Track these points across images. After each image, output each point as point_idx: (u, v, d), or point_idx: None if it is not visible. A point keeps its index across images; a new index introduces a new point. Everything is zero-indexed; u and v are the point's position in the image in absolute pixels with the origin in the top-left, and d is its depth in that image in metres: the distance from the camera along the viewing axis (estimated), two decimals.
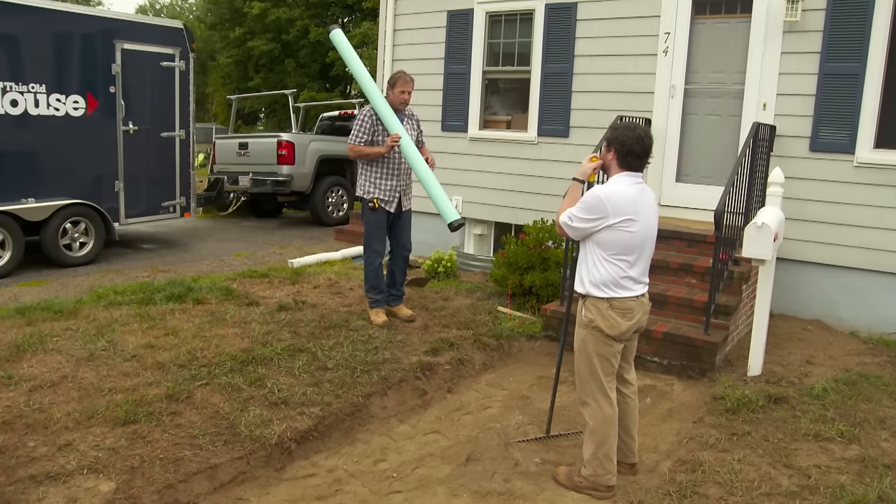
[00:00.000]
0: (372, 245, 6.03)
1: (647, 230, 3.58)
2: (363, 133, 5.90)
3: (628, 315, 3.57)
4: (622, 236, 3.49)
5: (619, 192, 3.51)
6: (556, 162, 8.10)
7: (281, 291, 6.86)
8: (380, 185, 5.94)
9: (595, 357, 3.61)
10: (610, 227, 3.49)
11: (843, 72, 6.39)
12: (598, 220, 3.49)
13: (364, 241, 6.13)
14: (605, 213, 3.47)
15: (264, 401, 4.30)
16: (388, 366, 5.03)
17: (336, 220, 12.22)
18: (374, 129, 5.89)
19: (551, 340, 6.13)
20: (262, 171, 11.62)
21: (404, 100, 5.95)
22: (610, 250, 3.52)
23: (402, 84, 5.90)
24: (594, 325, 3.58)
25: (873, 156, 6.37)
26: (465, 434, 4.44)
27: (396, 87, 5.90)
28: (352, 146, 5.94)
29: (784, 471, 3.75)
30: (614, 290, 3.55)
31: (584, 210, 3.54)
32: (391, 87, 5.94)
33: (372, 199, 5.93)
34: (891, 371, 5.50)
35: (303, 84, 27.19)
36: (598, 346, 3.60)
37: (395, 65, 9.19)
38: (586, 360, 3.65)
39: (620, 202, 3.48)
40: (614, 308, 3.55)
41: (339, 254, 9.05)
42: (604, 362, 3.62)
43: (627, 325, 3.58)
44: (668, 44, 7.19)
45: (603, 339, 3.58)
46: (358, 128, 5.91)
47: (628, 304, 3.57)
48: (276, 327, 5.61)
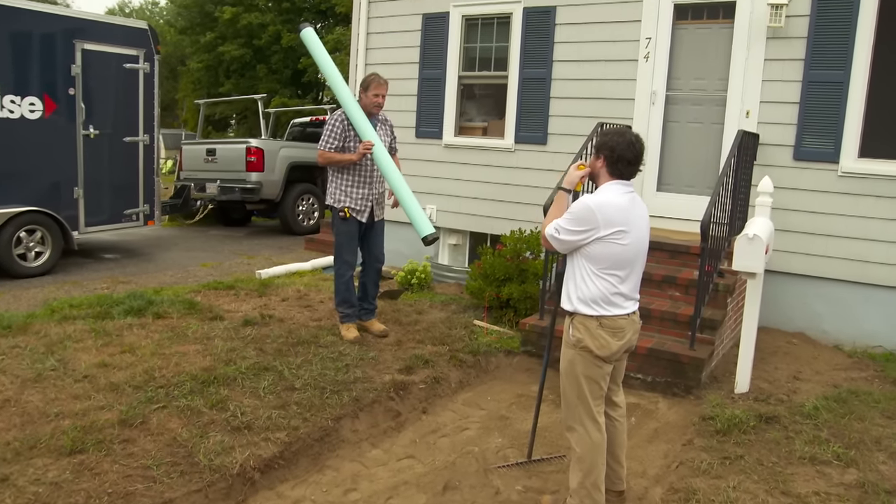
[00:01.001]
0: (343, 256, 5.74)
1: (639, 243, 3.34)
2: (333, 139, 5.59)
3: (619, 334, 3.33)
4: (613, 249, 3.25)
5: (610, 202, 3.26)
6: (533, 170, 7.88)
7: (247, 304, 6.54)
8: (351, 194, 5.64)
9: (583, 379, 3.36)
10: (600, 240, 3.24)
11: (827, 79, 6.25)
12: (588, 232, 3.24)
13: (335, 252, 5.83)
14: (595, 225, 3.23)
15: (226, 425, 3.99)
16: (359, 385, 4.74)
17: (306, 228, 11.89)
18: (346, 135, 5.59)
19: (530, 356, 5.89)
20: (231, 178, 11.26)
21: (378, 103, 5.65)
22: (600, 264, 3.28)
23: (375, 87, 5.60)
24: (582, 346, 3.33)
25: (858, 165, 6.23)
26: (442, 459, 4.17)
27: (370, 91, 5.60)
28: (321, 152, 5.64)
29: (782, 499, 3.53)
30: (604, 307, 3.30)
31: (572, 221, 3.29)
32: (364, 90, 5.63)
33: (343, 208, 5.62)
34: (879, 386, 5.35)
35: (274, 90, 26.82)
36: (587, 367, 3.35)
37: (369, 69, 8.91)
38: (573, 382, 3.40)
39: (611, 213, 3.24)
40: (604, 327, 3.31)
41: (309, 264, 8.74)
42: (592, 385, 3.37)
43: (618, 346, 3.34)
44: (650, 49, 7.02)
45: (592, 360, 3.34)
46: (328, 133, 5.60)
47: (619, 323, 3.33)
48: (240, 344, 5.29)
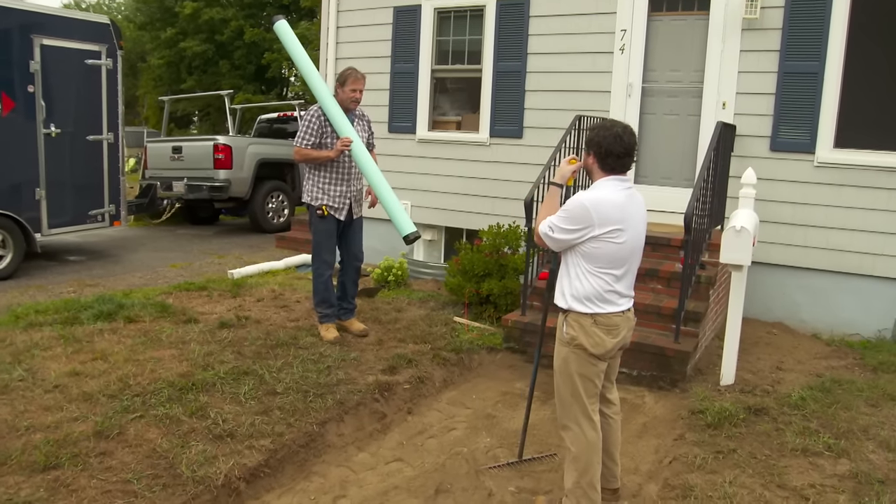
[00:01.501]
0: (321, 256, 5.59)
1: (636, 240, 3.26)
2: (310, 135, 5.41)
3: (613, 332, 3.26)
4: (609, 248, 3.16)
5: (606, 199, 3.17)
6: (509, 164, 7.81)
7: (221, 306, 6.36)
8: (329, 192, 5.48)
9: (577, 377, 3.29)
10: (595, 238, 3.15)
11: (802, 70, 6.27)
12: (583, 230, 3.15)
13: (313, 251, 5.68)
14: (591, 223, 3.14)
15: (207, 434, 3.84)
16: (342, 388, 4.62)
17: (277, 226, 11.68)
18: (323, 131, 5.42)
19: (513, 352, 5.82)
20: (198, 175, 11.01)
21: (355, 98, 5.48)
22: (595, 263, 3.19)
23: (353, 82, 5.42)
24: (577, 343, 3.25)
25: (833, 155, 6.27)
26: (432, 461, 4.07)
27: (347, 85, 5.41)
28: (297, 149, 5.46)
29: (779, 493, 3.50)
30: (599, 304, 3.22)
31: (566, 219, 3.20)
32: (341, 85, 5.44)
33: (320, 206, 5.46)
34: (860, 374, 5.38)
35: (238, 86, 26.34)
36: (581, 365, 3.27)
37: (340, 63, 8.75)
38: (568, 380, 3.32)
39: (607, 210, 3.15)
40: (599, 324, 3.23)
41: (283, 263, 8.57)
42: (587, 383, 3.30)
43: (612, 343, 3.26)
44: (625, 41, 6.98)
45: (586, 358, 3.26)
46: (305, 129, 5.42)
47: (613, 320, 3.25)
48: (217, 347, 5.13)
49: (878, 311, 6.27)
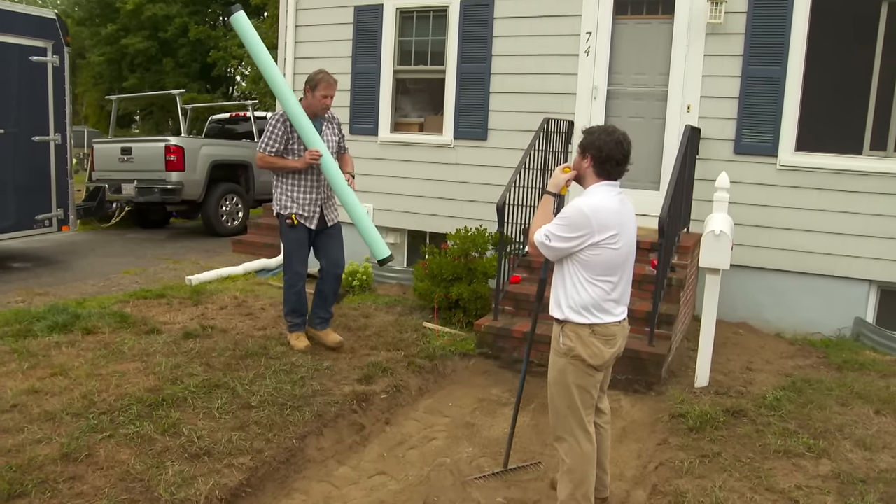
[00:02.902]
0: (293, 267, 5.34)
1: (630, 246, 3.23)
2: (274, 141, 5.12)
3: (611, 342, 3.22)
4: (607, 255, 3.12)
5: (604, 205, 3.13)
6: (474, 166, 7.76)
7: (183, 315, 6.14)
8: (298, 199, 5.21)
9: (574, 389, 3.24)
10: (594, 246, 3.10)
11: (764, 75, 6.38)
12: (582, 237, 3.10)
13: (284, 261, 5.45)
14: (590, 230, 3.09)
15: (183, 452, 3.67)
16: (319, 399, 4.49)
17: (231, 229, 11.40)
18: (289, 137, 5.13)
19: (486, 358, 5.76)
20: (149, 178, 10.65)
21: (326, 105, 5.15)
22: (593, 271, 3.15)
23: (325, 87, 5.07)
24: (574, 354, 3.20)
25: (795, 158, 6.39)
26: (415, 473, 3.98)
27: (318, 90, 5.07)
28: (261, 156, 5.17)
29: (768, 496, 3.52)
30: (597, 314, 3.18)
31: (565, 227, 3.14)
32: (311, 89, 5.09)
33: (290, 214, 5.20)
34: (826, 373, 5.49)
35: (183, 84, 25.68)
36: (579, 376, 3.23)
37: (299, 63, 8.60)
38: (564, 392, 3.27)
39: (605, 217, 3.10)
40: (597, 335, 3.18)
41: (242, 268, 8.36)
42: (584, 394, 3.25)
43: (610, 353, 3.23)
44: (590, 44, 6.99)
45: (584, 369, 3.21)
46: (269, 135, 5.12)
47: (611, 330, 3.22)
48: (184, 359, 4.93)
49: (839, 310, 6.42)
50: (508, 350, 5.64)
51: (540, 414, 4.80)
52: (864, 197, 6.24)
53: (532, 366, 5.51)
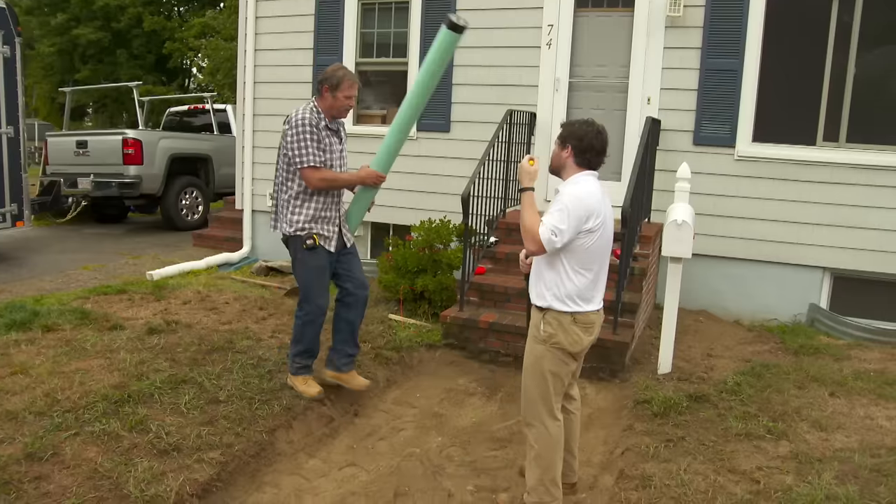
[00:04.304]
0: (314, 300, 4.40)
1: (610, 234, 3.33)
2: (318, 150, 4.20)
3: (590, 329, 3.31)
4: (594, 242, 3.21)
5: (592, 192, 3.20)
6: (437, 158, 7.78)
7: (146, 310, 6.06)
8: (316, 218, 4.33)
9: (549, 376, 3.29)
10: (587, 233, 3.17)
11: (722, 67, 6.51)
12: (579, 223, 3.14)
13: (301, 294, 4.46)
14: (585, 215, 3.15)
15: (151, 449, 3.63)
16: (287, 392, 4.47)
17: (192, 223, 11.24)
18: (324, 146, 4.26)
19: (452, 349, 5.79)
20: (106, 172, 10.44)
21: (350, 107, 4.34)
22: (580, 258, 3.20)
23: (348, 86, 4.24)
24: (554, 342, 3.25)
25: (752, 149, 6.55)
26: (386, 464, 4.00)
27: (341, 91, 4.22)
28: (313, 171, 4.17)
29: (731, 477, 3.62)
30: (579, 303, 3.24)
31: (565, 217, 3.13)
32: (332, 90, 4.21)
33: (311, 235, 4.29)
34: (783, 358, 5.65)
35: (137, 76, 25.21)
36: (555, 363, 3.28)
37: (259, 56, 8.51)
38: (538, 378, 3.32)
39: (594, 203, 3.18)
40: (578, 323, 3.25)
41: (204, 262, 8.25)
42: (557, 381, 3.31)
43: (588, 341, 3.32)
44: (552, 36, 7.05)
45: (561, 357, 3.28)
46: (307, 143, 4.15)
47: (591, 318, 3.30)
48: (149, 355, 4.87)
49: (794, 296, 6.61)
50: (475, 340, 5.68)
51: (507, 403, 4.87)
52: (817, 186, 6.43)
53: (499, 355, 5.59)
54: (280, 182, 4.36)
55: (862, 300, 6.54)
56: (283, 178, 4.34)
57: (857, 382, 4.97)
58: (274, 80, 8.51)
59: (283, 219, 4.36)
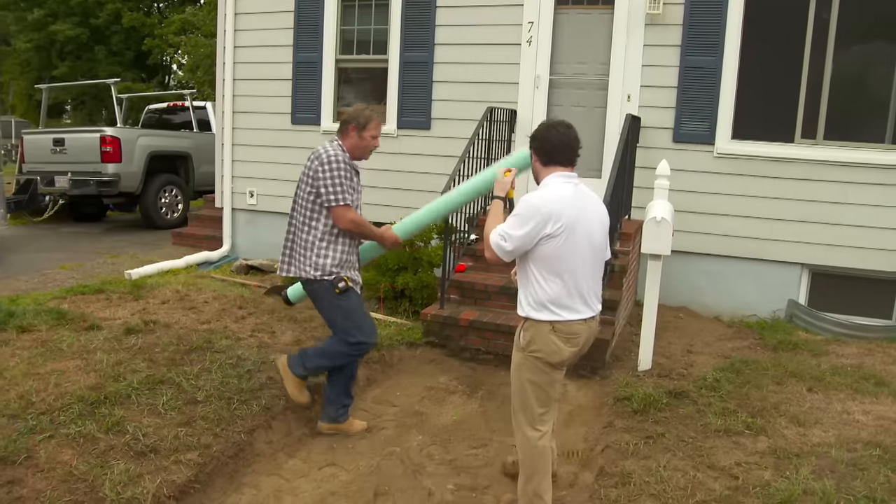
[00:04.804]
0: (369, 333, 4.12)
1: (591, 237, 3.15)
2: (352, 189, 3.98)
3: (573, 340, 3.15)
4: (563, 247, 3.06)
5: (554, 195, 3.10)
6: (417, 156, 7.76)
7: (124, 310, 5.99)
8: (344, 262, 4.02)
9: (528, 385, 3.21)
10: (548, 237, 3.05)
11: (702, 64, 6.54)
12: (534, 229, 3.05)
13: (349, 336, 4.05)
14: (541, 220, 3.04)
15: (128, 451, 3.60)
16: (266, 392, 4.45)
17: (171, 222, 11.14)
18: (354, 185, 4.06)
19: (433, 346, 5.77)
20: (84, 170, 10.31)
21: (375, 147, 4.12)
22: (550, 264, 3.09)
23: (376, 125, 4.04)
24: (532, 350, 3.17)
25: (731, 146, 6.58)
26: (366, 464, 3.98)
27: (369, 130, 4.02)
28: (346, 210, 3.91)
29: (710, 473, 3.64)
30: (556, 311, 3.11)
31: (517, 223, 3.07)
32: (359, 129, 3.99)
33: (343, 277, 4.01)
34: (762, 354, 5.70)
35: (117, 73, 24.93)
36: (534, 372, 3.20)
37: (238, 52, 8.44)
38: (517, 386, 3.27)
39: (556, 206, 3.06)
40: (557, 332, 3.12)
41: (183, 261, 8.18)
42: (538, 391, 3.22)
43: (570, 353, 3.17)
44: (532, 34, 7.05)
45: (540, 367, 3.18)
46: (342, 180, 3.90)
47: (574, 328, 3.14)
48: (126, 355, 4.82)
49: (773, 293, 6.66)
50: (455, 338, 5.68)
51: (488, 401, 4.87)
52: (795, 183, 6.48)
53: (479, 353, 5.59)
54: (302, 221, 3.99)
55: (840, 296, 6.60)
56: (305, 216, 3.97)
57: (835, 378, 5.02)
58: (254, 77, 8.45)
59: (305, 262, 3.98)
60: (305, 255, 3.98)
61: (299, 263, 4.01)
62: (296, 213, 4.04)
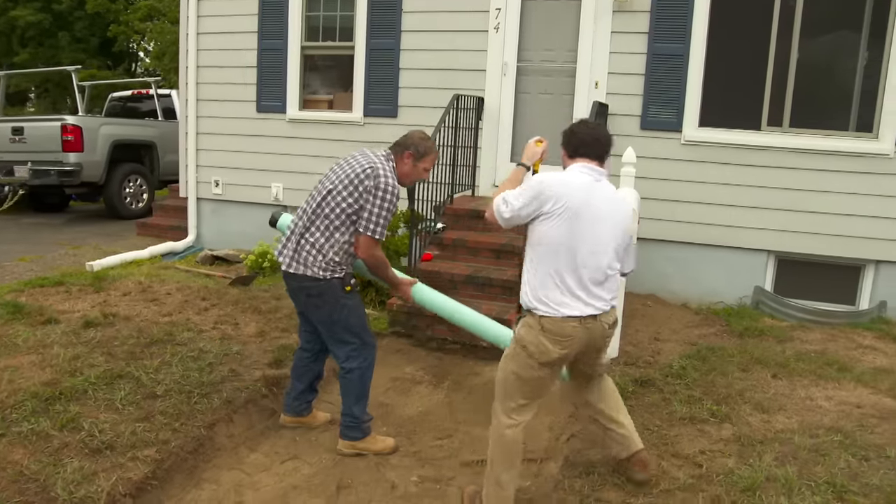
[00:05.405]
0: (369, 341, 4.00)
1: (595, 231, 3.02)
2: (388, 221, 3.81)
3: (562, 343, 3.01)
4: (560, 230, 2.98)
5: (563, 178, 3.08)
6: (384, 144, 7.38)
7: (84, 303, 5.86)
8: (348, 265, 3.86)
9: (511, 376, 3.14)
10: (546, 217, 2.98)
11: (669, 52, 6.53)
12: (533, 204, 3.00)
13: (355, 338, 3.92)
14: (544, 198, 2.99)
15: (83, 448, 3.50)
16: (228, 385, 4.37)
17: (136, 212, 10.93)
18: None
19: (399, 336, 5.72)
20: (44, 159, 10.07)
21: (423, 179, 4.25)
22: (545, 249, 3.01)
23: (431, 160, 3.93)
24: (522, 344, 3.10)
25: (699, 134, 6.59)
26: (329, 457, 3.93)
27: (425, 162, 3.88)
28: (376, 245, 3.78)
29: (674, 461, 3.64)
30: (549, 305, 3.01)
31: (520, 193, 3.06)
32: (416, 158, 3.83)
33: (353, 276, 3.91)
34: (728, 340, 5.72)
35: (81, 60, 24.42)
36: (521, 367, 3.11)
37: (202, 39, 8.27)
38: (501, 372, 3.21)
39: (562, 189, 3.00)
40: (546, 332, 3.01)
41: (147, 252, 8.03)
42: (520, 384, 3.13)
43: (559, 354, 3.03)
44: (499, 20, 6.98)
45: (527, 361, 3.08)
46: (388, 213, 3.72)
47: (563, 328, 2.99)
48: (84, 349, 4.71)
49: (739, 279, 6.69)
50: (422, 328, 5.63)
51: (454, 391, 4.83)
52: (762, 170, 6.51)
53: (446, 343, 5.54)
54: (326, 226, 3.71)
55: (805, 282, 6.65)
56: (332, 221, 3.70)
57: (799, 364, 5.06)
58: (218, 65, 8.28)
59: (314, 262, 3.72)
60: (316, 258, 3.72)
61: (307, 262, 3.74)
62: (319, 215, 3.74)
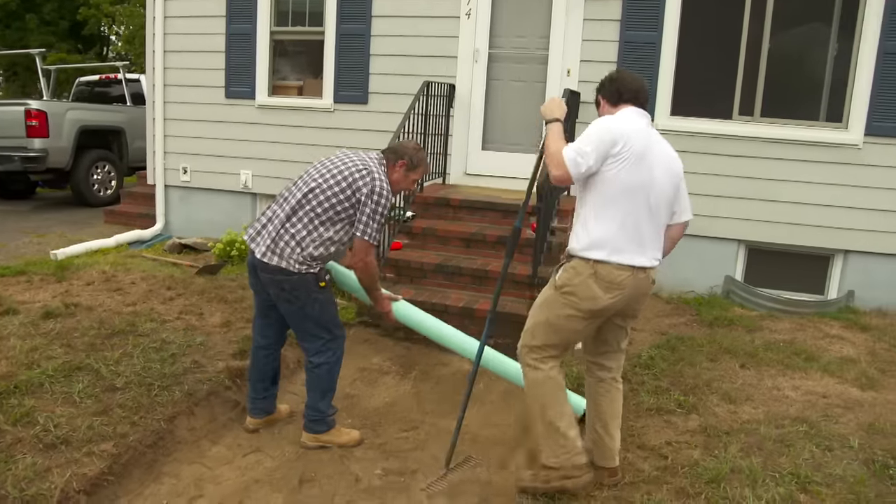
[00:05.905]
0: (339, 333, 3.91)
1: (654, 179, 2.97)
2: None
3: (613, 290, 2.96)
4: (626, 175, 2.92)
5: (624, 119, 3.00)
6: (354, 130, 7.58)
7: (45, 292, 5.72)
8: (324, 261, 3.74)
9: (546, 325, 3.09)
10: (614, 160, 2.91)
11: (641, 40, 6.49)
12: (603, 145, 2.91)
13: (328, 330, 3.82)
14: (611, 139, 2.91)
15: (37, 443, 3.40)
16: (190, 377, 4.28)
17: (104, 199, 10.73)
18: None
19: (367, 326, 5.66)
20: (8, 145, 9.82)
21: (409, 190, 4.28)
22: (609, 195, 2.95)
23: (421, 172, 3.94)
24: (565, 291, 3.01)
25: (671, 122, 6.57)
26: (292, 450, 3.87)
27: (416, 173, 3.88)
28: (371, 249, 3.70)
29: (640, 453, 3.62)
30: (605, 251, 2.94)
31: (588, 140, 2.93)
32: (409, 168, 3.81)
33: (327, 271, 3.82)
34: (698, 330, 5.73)
35: (50, 44, 23.91)
36: (562, 314, 3.04)
37: (169, 23, 8.09)
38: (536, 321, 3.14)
39: (626, 128, 2.94)
40: (598, 277, 2.95)
41: (113, 240, 7.88)
42: (554, 334, 3.07)
43: (607, 302, 2.98)
44: (471, 6, 6.91)
45: (571, 312, 3.02)
46: (383, 217, 3.69)
47: (616, 276, 2.95)
48: (43, 341, 4.59)
49: (711, 269, 6.71)
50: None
51: (421, 381, 4.79)
52: (733, 160, 6.51)
53: (414, 332, 5.46)
54: (308, 220, 3.59)
55: (775, 272, 6.69)
56: (318, 216, 3.59)
57: (767, 353, 5.07)
58: (185, 49, 8.12)
59: (291, 255, 3.58)
60: (294, 250, 3.58)
61: (283, 254, 3.59)
62: (303, 206, 3.62)
